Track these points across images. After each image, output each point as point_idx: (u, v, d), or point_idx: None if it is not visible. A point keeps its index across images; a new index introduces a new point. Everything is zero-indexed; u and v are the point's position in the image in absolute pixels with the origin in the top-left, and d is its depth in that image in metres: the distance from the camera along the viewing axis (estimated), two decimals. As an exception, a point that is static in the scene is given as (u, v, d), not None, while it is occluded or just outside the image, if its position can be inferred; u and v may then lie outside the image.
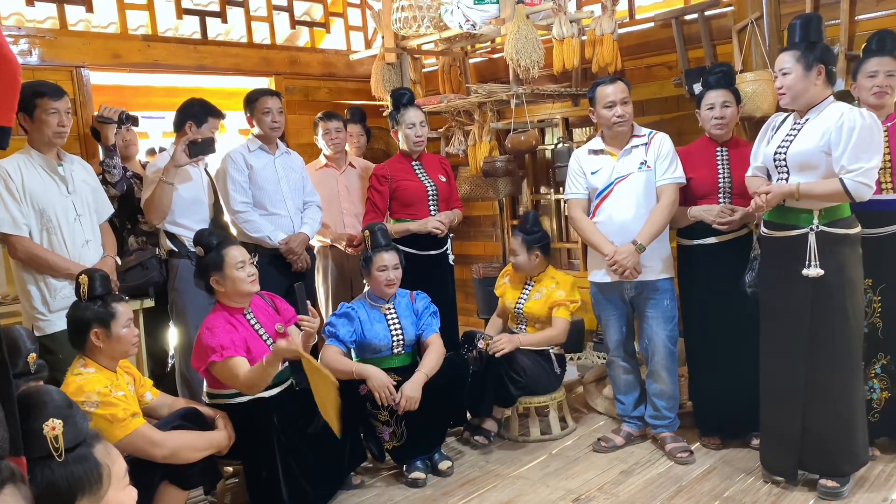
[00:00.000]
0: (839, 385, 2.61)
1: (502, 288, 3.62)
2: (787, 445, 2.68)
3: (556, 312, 3.40)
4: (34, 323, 2.88)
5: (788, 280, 2.61)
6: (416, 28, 4.14)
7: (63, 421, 1.46)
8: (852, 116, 2.48)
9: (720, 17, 3.98)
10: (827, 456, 2.63)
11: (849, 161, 2.45)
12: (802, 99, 2.58)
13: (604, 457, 3.20)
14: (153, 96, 5.27)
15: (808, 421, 2.63)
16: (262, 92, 3.56)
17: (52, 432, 1.44)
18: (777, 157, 2.63)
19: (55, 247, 2.89)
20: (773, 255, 2.70)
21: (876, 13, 3.52)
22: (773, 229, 2.68)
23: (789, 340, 2.64)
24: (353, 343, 3.14)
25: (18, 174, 2.81)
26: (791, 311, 2.63)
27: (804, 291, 2.58)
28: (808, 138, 2.56)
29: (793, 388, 2.65)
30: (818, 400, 2.61)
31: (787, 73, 2.57)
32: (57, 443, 1.44)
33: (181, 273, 3.38)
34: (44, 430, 1.44)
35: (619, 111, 3.05)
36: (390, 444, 3.09)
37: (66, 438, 1.45)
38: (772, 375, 2.73)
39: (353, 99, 5.15)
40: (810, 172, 2.55)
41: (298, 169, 3.63)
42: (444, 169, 3.75)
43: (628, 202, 3.07)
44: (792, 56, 2.56)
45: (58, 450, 1.44)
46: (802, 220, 2.58)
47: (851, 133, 2.45)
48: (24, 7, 4.18)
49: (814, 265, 2.53)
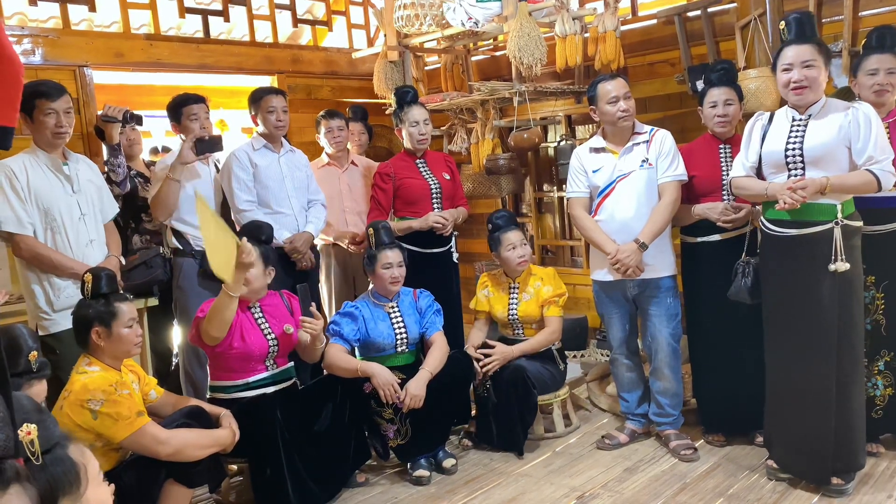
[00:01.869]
0: (854, 380, 2.59)
1: (486, 301, 3.51)
2: (819, 449, 2.59)
3: (547, 311, 3.38)
4: (38, 322, 2.89)
5: (811, 278, 2.56)
6: (419, 26, 4.14)
7: (37, 425, 1.43)
8: (865, 109, 2.52)
9: (723, 14, 3.98)
10: (846, 452, 2.60)
11: (877, 151, 2.47)
12: (816, 94, 2.58)
13: (608, 454, 3.21)
14: (156, 95, 5.26)
15: (837, 420, 2.56)
16: (267, 90, 3.56)
17: (28, 437, 1.42)
18: (790, 153, 2.60)
19: (59, 246, 2.89)
20: (787, 255, 2.64)
21: (879, 9, 3.51)
22: (787, 227, 2.62)
23: (817, 341, 2.57)
24: (357, 341, 3.14)
25: (24, 173, 2.82)
26: (818, 309, 2.56)
27: (831, 288, 2.53)
28: (823, 132, 2.55)
29: (824, 390, 2.56)
30: (840, 398, 2.56)
31: (811, 66, 2.53)
32: (33, 447, 1.42)
33: (185, 271, 3.39)
34: (19, 436, 1.41)
35: (623, 105, 3.04)
36: (395, 442, 3.09)
37: (40, 442, 1.43)
38: (795, 378, 2.63)
39: (355, 97, 5.15)
40: (826, 166, 2.54)
41: (303, 167, 3.63)
42: (449, 167, 3.75)
43: (630, 200, 3.06)
44: (814, 49, 2.53)
45: (34, 453, 1.42)
46: (827, 214, 2.53)
47: (870, 125, 2.48)
48: (27, 7, 4.18)
49: (841, 259, 2.50)
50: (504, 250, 3.39)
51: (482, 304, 3.53)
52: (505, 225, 3.42)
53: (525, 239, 3.41)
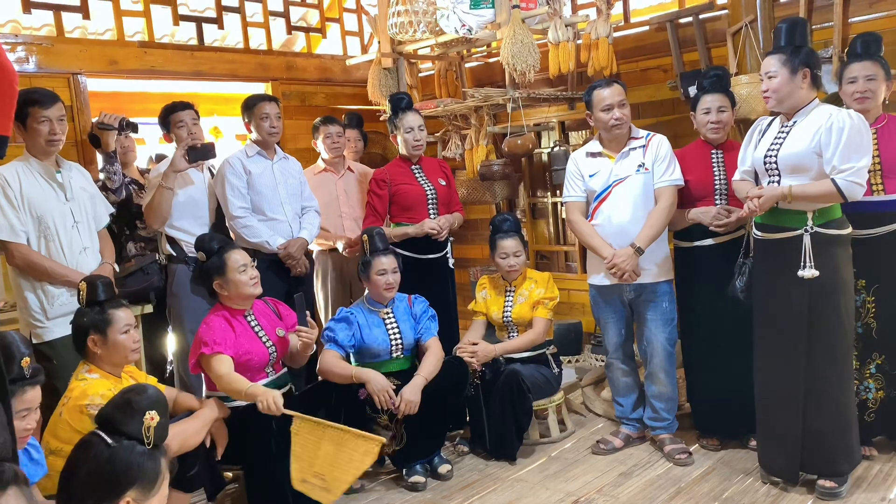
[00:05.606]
0: (836, 385, 2.62)
1: (483, 303, 3.53)
2: (789, 447, 2.69)
3: (535, 312, 3.38)
4: (32, 330, 2.88)
5: (784, 282, 2.63)
6: (413, 33, 4.16)
7: (160, 418, 1.66)
8: (841, 117, 2.51)
9: (715, 21, 4.01)
10: (826, 456, 2.64)
11: (840, 161, 2.48)
12: (788, 102, 2.60)
13: (603, 459, 3.21)
14: (150, 102, 5.25)
15: (808, 422, 2.64)
16: (260, 97, 3.56)
17: (150, 422, 1.64)
18: (767, 160, 2.65)
19: (53, 254, 2.88)
20: (768, 258, 2.71)
21: (869, 16, 3.55)
22: (766, 231, 2.69)
23: (788, 342, 2.65)
24: (351, 347, 3.15)
25: (17, 181, 2.81)
26: (789, 313, 2.64)
27: (801, 293, 2.59)
28: (798, 140, 2.58)
29: (793, 389, 2.65)
30: (816, 400, 2.62)
31: (772, 77, 2.60)
32: (149, 433, 1.63)
33: (178, 278, 3.39)
34: (145, 416, 1.64)
35: (617, 114, 3.05)
36: (390, 448, 3.09)
37: (155, 434, 1.64)
38: (770, 378, 2.73)
39: (349, 104, 5.16)
40: (802, 174, 2.57)
41: (296, 174, 3.63)
42: (445, 172, 3.76)
43: (626, 205, 3.07)
44: (777, 59, 2.58)
45: (149, 439, 1.63)
46: (796, 222, 2.59)
47: (841, 133, 2.48)
48: (21, 14, 4.18)
49: (809, 266, 2.55)
50: (497, 256, 3.41)
51: (480, 305, 3.55)
52: (504, 231, 3.42)
53: (521, 249, 3.41)
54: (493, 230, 3.47)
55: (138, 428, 1.62)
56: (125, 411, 1.65)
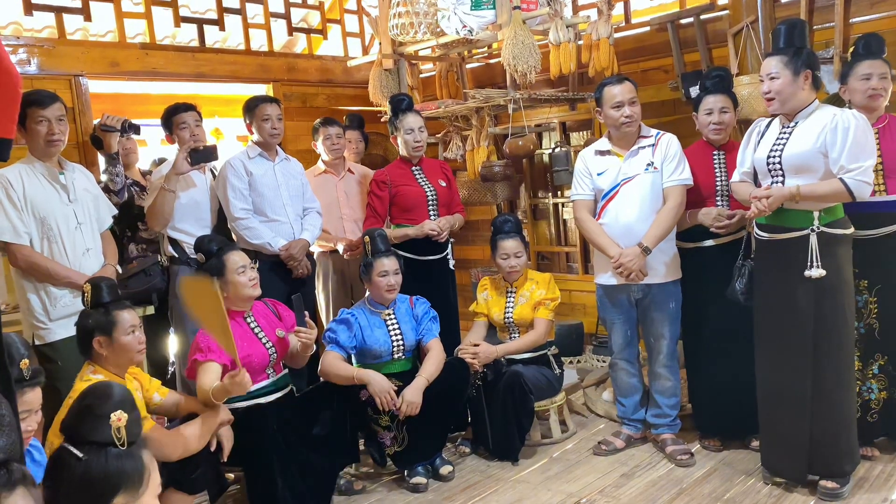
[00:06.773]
0: (840, 384, 2.62)
1: (484, 304, 3.52)
2: (796, 449, 2.66)
3: (537, 313, 3.37)
4: (35, 331, 2.88)
5: (789, 283, 2.62)
6: (413, 34, 4.16)
7: (127, 416, 1.55)
8: (846, 117, 2.51)
9: (715, 21, 4.01)
10: (829, 456, 2.63)
11: (848, 160, 2.48)
12: (790, 104, 2.61)
13: (604, 460, 3.21)
14: (151, 104, 5.26)
15: (814, 422, 2.63)
16: (262, 99, 3.57)
17: (118, 423, 1.53)
18: (770, 161, 2.65)
19: (56, 255, 2.89)
20: (771, 259, 2.70)
21: (870, 16, 3.55)
22: (770, 232, 2.69)
23: (793, 343, 2.64)
24: (353, 349, 3.15)
25: (20, 182, 2.82)
26: (795, 313, 2.62)
27: (807, 293, 2.59)
28: (802, 141, 2.58)
29: (800, 391, 2.63)
30: (822, 401, 2.61)
31: (774, 78, 2.59)
32: (119, 434, 1.52)
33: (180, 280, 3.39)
34: (111, 419, 1.53)
35: (628, 111, 3.04)
36: (391, 450, 3.09)
37: (127, 432, 1.54)
38: (775, 379, 2.71)
39: (350, 105, 5.17)
40: (806, 174, 2.57)
41: (298, 175, 3.64)
42: (445, 174, 3.76)
43: (634, 204, 3.06)
44: (779, 61, 2.58)
45: (120, 440, 1.53)
46: (803, 222, 2.58)
47: (847, 133, 2.48)
48: (23, 17, 4.19)
49: (816, 266, 2.54)
50: (498, 257, 3.41)
51: (481, 306, 3.55)
52: (505, 232, 3.42)
53: (522, 250, 3.41)
54: (494, 231, 3.47)
55: (107, 432, 1.52)
56: (88, 419, 1.55)
